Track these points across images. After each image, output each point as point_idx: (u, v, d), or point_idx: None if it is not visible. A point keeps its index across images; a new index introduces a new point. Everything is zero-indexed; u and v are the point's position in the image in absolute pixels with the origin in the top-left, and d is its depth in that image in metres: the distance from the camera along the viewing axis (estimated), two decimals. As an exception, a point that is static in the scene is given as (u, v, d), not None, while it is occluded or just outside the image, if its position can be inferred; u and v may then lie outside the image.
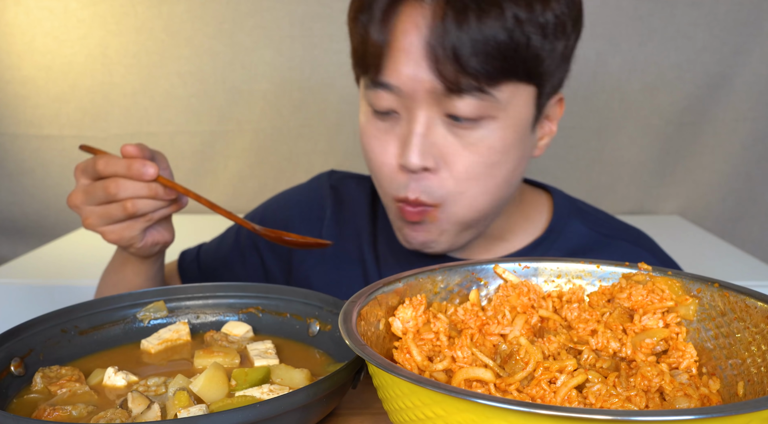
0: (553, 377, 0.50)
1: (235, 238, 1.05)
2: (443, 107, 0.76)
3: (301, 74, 1.92)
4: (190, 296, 0.76)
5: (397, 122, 0.80)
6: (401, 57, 0.75)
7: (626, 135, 1.95)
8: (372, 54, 0.77)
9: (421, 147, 0.77)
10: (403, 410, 0.46)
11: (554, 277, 0.65)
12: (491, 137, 0.77)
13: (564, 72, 0.83)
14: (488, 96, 0.75)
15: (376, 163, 0.83)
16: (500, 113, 0.77)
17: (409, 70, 0.74)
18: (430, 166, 0.78)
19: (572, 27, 0.79)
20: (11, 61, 1.92)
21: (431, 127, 0.77)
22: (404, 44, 0.74)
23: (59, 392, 0.61)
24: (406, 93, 0.76)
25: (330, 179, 1.05)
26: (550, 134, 0.88)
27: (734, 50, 1.86)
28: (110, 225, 0.80)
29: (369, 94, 0.80)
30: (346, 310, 0.54)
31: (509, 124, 0.78)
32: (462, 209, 0.81)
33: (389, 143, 0.80)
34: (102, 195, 0.77)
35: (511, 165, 0.81)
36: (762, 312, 0.53)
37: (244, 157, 2.01)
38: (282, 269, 1.02)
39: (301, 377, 0.62)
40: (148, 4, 1.88)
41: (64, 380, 0.62)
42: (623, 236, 0.95)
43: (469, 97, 0.74)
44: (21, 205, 2.03)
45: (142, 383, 0.62)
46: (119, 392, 0.61)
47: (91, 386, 0.63)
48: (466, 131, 0.77)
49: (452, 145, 0.78)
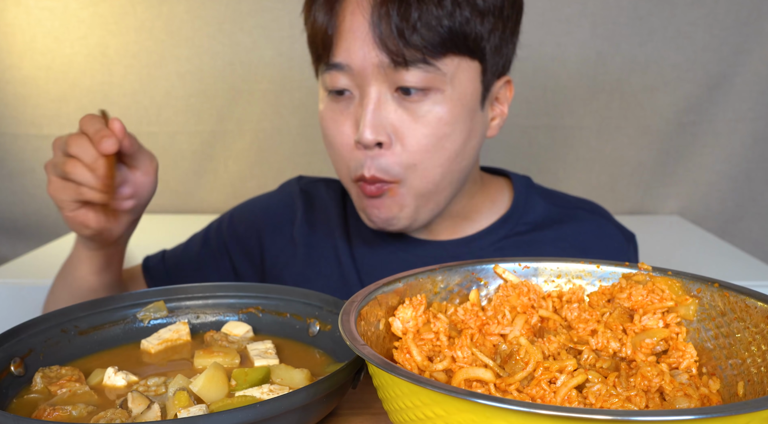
0: (553, 377, 0.50)
1: (203, 241, 1.06)
2: (392, 81, 0.81)
3: (301, 74, 1.92)
4: (190, 296, 0.76)
5: (351, 102, 0.84)
6: (349, 37, 0.80)
7: (626, 135, 1.95)
8: (322, 38, 0.82)
9: (373, 122, 0.81)
10: (403, 410, 0.46)
11: (554, 277, 0.65)
12: (439, 109, 0.82)
13: (509, 53, 0.88)
14: (433, 68, 0.80)
15: (334, 145, 0.87)
16: (446, 86, 0.82)
17: (357, 48, 0.80)
18: (383, 140, 0.82)
19: (510, 9, 0.85)
20: (11, 61, 1.92)
21: (382, 103, 0.82)
22: (351, 25, 0.80)
23: (59, 392, 0.61)
24: (356, 70, 0.81)
25: (299, 184, 1.08)
26: (501, 116, 0.92)
27: (734, 50, 1.86)
28: (55, 177, 0.77)
29: (324, 78, 0.85)
30: (346, 310, 0.54)
31: (455, 96, 0.83)
32: (417, 181, 0.85)
33: (344, 123, 0.85)
34: (65, 146, 0.76)
35: (461, 138, 0.85)
36: (762, 312, 0.53)
37: (244, 157, 2.01)
38: (254, 271, 1.04)
39: (301, 377, 0.62)
40: (148, 4, 1.88)
41: (64, 380, 0.62)
42: (581, 206, 1.02)
43: (414, 69, 0.79)
44: (21, 205, 2.03)
45: (142, 383, 0.62)
46: (119, 392, 0.61)
47: (91, 386, 0.63)
48: (415, 104, 0.82)
49: (403, 119, 0.82)
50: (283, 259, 1.01)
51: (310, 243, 1.00)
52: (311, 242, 1.01)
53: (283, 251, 1.02)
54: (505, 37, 0.85)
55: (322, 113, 0.88)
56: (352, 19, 0.80)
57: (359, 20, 0.80)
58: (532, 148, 1.95)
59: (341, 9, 0.81)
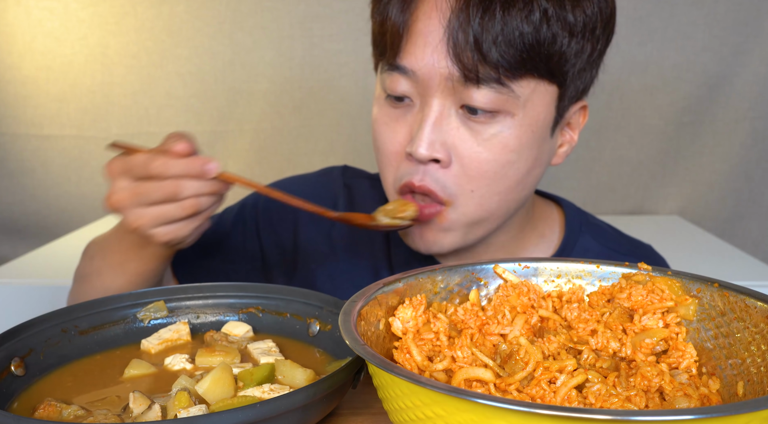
0: (553, 377, 0.50)
1: (236, 217, 1.01)
2: (459, 97, 0.74)
3: (301, 74, 1.92)
4: (190, 296, 0.76)
5: (410, 110, 0.78)
6: (420, 40, 0.73)
7: (626, 135, 1.96)
8: (391, 36, 0.75)
9: (431, 136, 0.74)
10: (403, 410, 0.46)
11: (554, 277, 0.65)
12: (506, 134, 0.75)
13: (590, 77, 0.80)
14: (507, 89, 0.72)
15: (383, 152, 0.80)
16: (518, 110, 0.74)
17: (427, 55, 0.73)
18: (439, 157, 0.75)
19: (602, 30, 0.76)
20: (11, 61, 1.92)
21: (444, 118, 0.75)
22: (424, 28, 0.73)
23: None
24: (421, 78, 0.74)
25: (344, 176, 1.01)
26: (570, 143, 0.85)
27: (734, 50, 1.86)
28: (165, 226, 0.74)
29: (384, 78, 0.78)
30: (346, 310, 0.54)
31: (526, 123, 0.75)
32: (471, 208, 0.78)
33: (399, 131, 0.78)
34: (158, 196, 0.72)
35: (525, 167, 0.78)
36: (762, 312, 0.53)
37: (244, 157, 2.01)
38: (283, 259, 0.98)
39: (303, 376, 0.62)
40: (148, 4, 1.88)
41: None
42: (635, 252, 0.94)
43: (486, 89, 0.72)
44: (21, 205, 2.03)
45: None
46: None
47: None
48: (481, 126, 0.75)
49: (465, 139, 0.75)
50: (318, 256, 0.96)
51: (350, 248, 0.95)
52: (350, 246, 0.95)
53: (320, 247, 0.96)
54: (591, 60, 0.77)
55: (376, 116, 0.81)
56: (427, 21, 0.72)
57: (434, 24, 0.72)
58: (532, 148, 1.95)
59: (416, 8, 0.73)
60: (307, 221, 0.97)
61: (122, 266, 0.84)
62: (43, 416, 0.56)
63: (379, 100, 0.81)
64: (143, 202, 0.72)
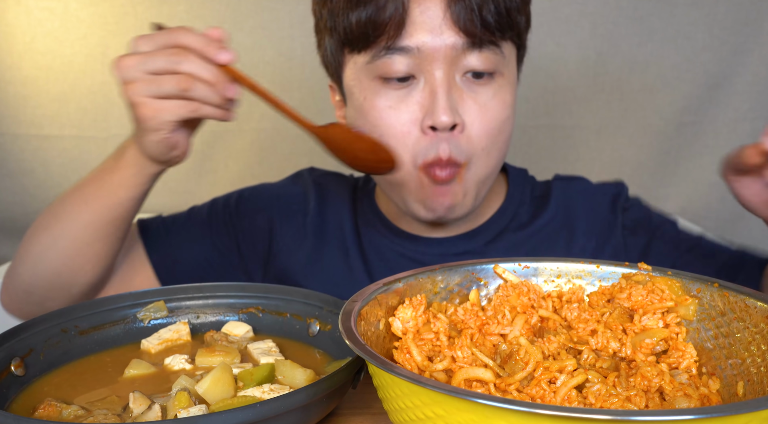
0: (553, 377, 0.50)
1: (208, 214, 1.01)
2: (462, 65, 0.81)
3: (301, 74, 1.92)
4: (190, 296, 0.76)
5: (414, 87, 0.82)
6: (422, 18, 0.79)
7: (626, 135, 1.95)
8: (390, 20, 0.79)
9: (448, 104, 0.80)
10: (403, 410, 0.46)
11: (554, 277, 0.65)
12: (502, 93, 0.84)
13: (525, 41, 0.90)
14: (499, 50, 0.82)
15: (393, 135, 0.83)
16: (505, 70, 0.84)
17: (433, 30, 0.79)
18: (458, 121, 0.81)
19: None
20: (11, 61, 1.92)
21: (452, 86, 0.81)
22: (424, 6, 0.79)
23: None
24: (425, 53, 0.80)
25: (311, 175, 1.06)
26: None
27: (734, 50, 1.86)
28: (153, 98, 0.71)
29: (378, 65, 0.82)
30: (346, 310, 0.54)
31: (510, 81, 0.86)
32: (483, 167, 0.85)
33: (404, 110, 0.82)
34: (161, 62, 0.70)
35: (513, 122, 0.87)
36: (762, 312, 0.53)
37: (244, 157, 2.01)
38: (255, 253, 1.00)
39: (303, 376, 0.62)
40: (148, 4, 1.88)
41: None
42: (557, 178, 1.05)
43: (486, 51, 0.81)
44: (22, 205, 2.03)
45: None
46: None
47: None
48: (482, 88, 0.82)
49: (472, 102, 0.82)
50: (291, 247, 0.99)
51: (321, 235, 0.99)
52: (322, 234, 0.99)
53: (293, 239, 1.00)
54: (527, 26, 0.88)
55: (373, 102, 0.83)
56: (424, 2, 0.79)
57: (433, 1, 0.79)
58: (532, 148, 1.95)
59: None
60: (284, 215, 1.00)
61: (95, 192, 0.82)
62: (43, 416, 0.56)
63: (370, 89, 0.84)
64: (144, 68, 0.70)
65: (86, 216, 0.83)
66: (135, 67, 0.70)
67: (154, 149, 0.76)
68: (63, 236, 0.84)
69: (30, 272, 0.86)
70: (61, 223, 0.85)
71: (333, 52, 0.89)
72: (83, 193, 0.84)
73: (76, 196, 0.85)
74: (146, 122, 0.72)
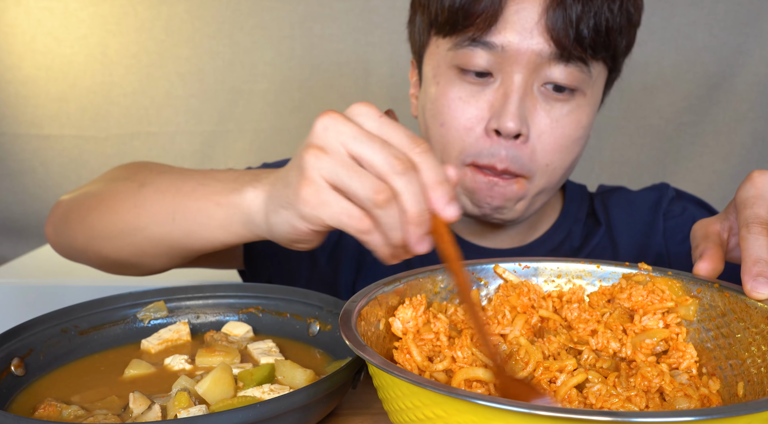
0: (553, 377, 0.50)
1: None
2: (543, 75, 0.78)
3: (301, 74, 1.92)
4: (190, 296, 0.76)
5: (489, 86, 0.80)
6: (515, 18, 0.76)
7: (626, 135, 1.96)
8: (483, 13, 0.76)
9: (518, 112, 0.77)
10: (404, 410, 0.46)
11: (554, 277, 0.65)
12: (578, 112, 0.80)
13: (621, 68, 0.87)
14: (587, 68, 0.78)
15: (453, 126, 0.81)
16: (588, 90, 0.81)
17: (525, 32, 0.76)
18: (524, 132, 0.78)
19: (637, 20, 0.83)
20: (11, 61, 1.92)
21: (528, 94, 0.78)
22: (521, 7, 0.76)
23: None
24: (509, 54, 0.77)
25: None
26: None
27: (734, 50, 1.86)
28: (330, 185, 0.54)
29: (459, 54, 0.79)
30: (346, 310, 0.54)
31: (592, 102, 0.82)
32: (543, 180, 0.83)
33: (473, 105, 0.80)
34: (376, 153, 0.52)
35: (584, 145, 0.84)
36: (762, 312, 0.53)
37: (244, 157, 2.01)
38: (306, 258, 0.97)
39: (303, 377, 0.62)
40: (148, 4, 1.88)
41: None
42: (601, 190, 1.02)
43: (572, 67, 0.77)
44: (22, 205, 2.03)
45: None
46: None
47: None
48: (561, 103, 0.79)
49: (544, 115, 0.79)
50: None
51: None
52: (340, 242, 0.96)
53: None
54: (628, 50, 0.84)
55: (445, 90, 0.81)
56: (523, 2, 0.76)
57: (531, 2, 0.76)
58: (532, 148, 1.95)
59: None
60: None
61: (190, 215, 0.67)
62: (43, 416, 0.56)
63: (446, 76, 0.81)
64: (351, 144, 0.54)
65: (167, 228, 0.70)
66: (342, 134, 0.54)
67: (281, 230, 0.59)
68: (137, 233, 0.73)
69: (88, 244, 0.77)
70: (139, 218, 0.72)
71: (420, 30, 0.86)
72: (174, 204, 0.69)
73: (167, 199, 0.70)
74: (299, 203, 0.55)
